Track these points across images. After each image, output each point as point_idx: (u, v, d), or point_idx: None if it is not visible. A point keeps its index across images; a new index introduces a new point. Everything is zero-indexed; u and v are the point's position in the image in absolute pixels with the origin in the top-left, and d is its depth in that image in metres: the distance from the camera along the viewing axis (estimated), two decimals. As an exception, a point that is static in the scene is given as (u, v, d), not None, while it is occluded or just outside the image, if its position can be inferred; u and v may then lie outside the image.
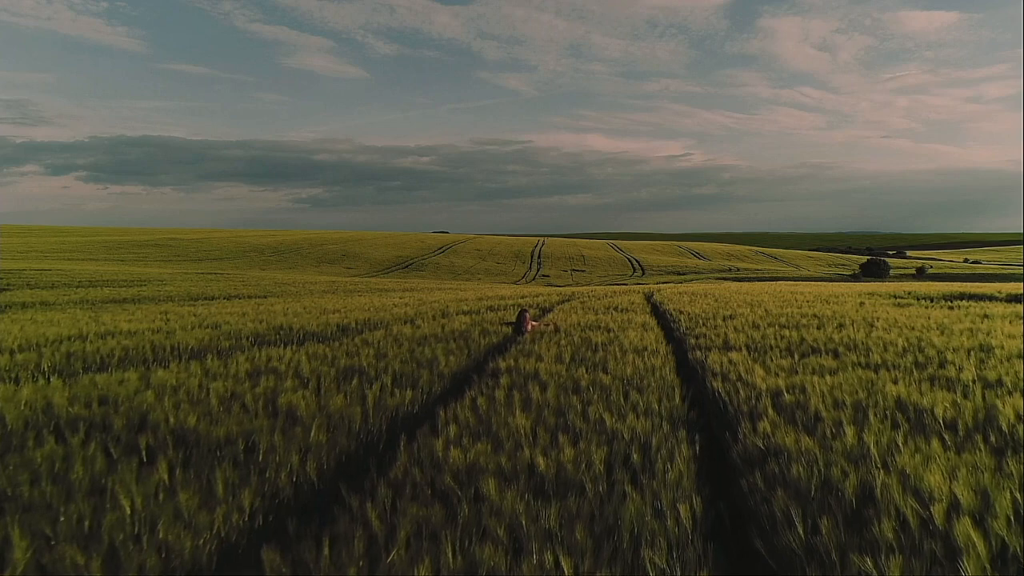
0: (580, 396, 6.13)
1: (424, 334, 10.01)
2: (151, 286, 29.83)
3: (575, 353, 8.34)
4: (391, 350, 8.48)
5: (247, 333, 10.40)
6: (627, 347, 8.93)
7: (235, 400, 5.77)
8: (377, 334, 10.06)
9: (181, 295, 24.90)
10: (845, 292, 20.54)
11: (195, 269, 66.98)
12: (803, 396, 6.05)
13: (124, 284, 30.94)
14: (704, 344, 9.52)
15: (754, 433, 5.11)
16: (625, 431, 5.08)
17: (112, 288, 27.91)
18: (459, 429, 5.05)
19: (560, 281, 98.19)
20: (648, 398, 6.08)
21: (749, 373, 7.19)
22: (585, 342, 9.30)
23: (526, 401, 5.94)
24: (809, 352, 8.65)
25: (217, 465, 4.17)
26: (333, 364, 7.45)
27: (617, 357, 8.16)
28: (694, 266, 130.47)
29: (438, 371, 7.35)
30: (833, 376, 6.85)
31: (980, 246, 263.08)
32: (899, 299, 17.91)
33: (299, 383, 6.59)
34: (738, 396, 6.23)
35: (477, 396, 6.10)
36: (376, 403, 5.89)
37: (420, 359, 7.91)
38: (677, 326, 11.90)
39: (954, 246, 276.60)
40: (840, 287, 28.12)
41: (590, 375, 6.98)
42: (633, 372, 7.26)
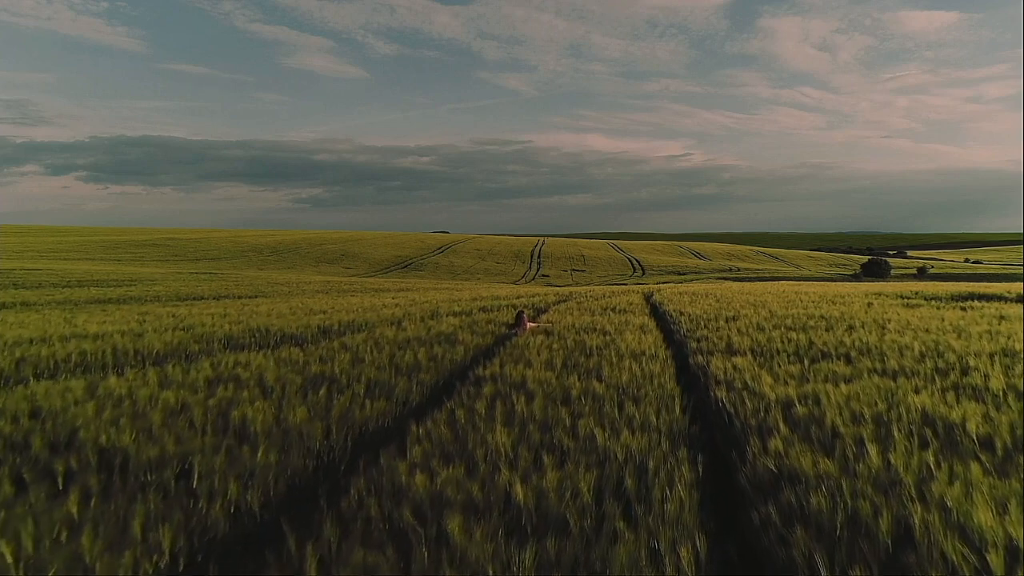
0: (570, 408, 5.53)
1: (408, 337, 9.41)
2: (140, 286, 29.21)
3: (567, 358, 7.74)
4: (369, 355, 7.88)
5: (220, 336, 9.80)
6: (624, 351, 8.33)
7: (184, 413, 5.16)
8: (358, 337, 9.47)
9: (169, 295, 24.29)
10: (851, 292, 19.93)
11: (191, 269, 66.39)
12: (817, 408, 5.45)
13: (114, 284, 30.35)
14: (706, 348, 8.92)
15: (764, 453, 4.51)
16: (618, 450, 4.48)
17: (100, 288, 27.30)
18: (430, 448, 4.45)
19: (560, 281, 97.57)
20: (645, 410, 5.49)
21: (756, 381, 6.59)
22: (579, 346, 8.70)
23: (509, 414, 5.34)
24: (819, 357, 8.04)
25: (140, 495, 3.57)
26: (303, 371, 6.85)
27: (612, 362, 7.56)
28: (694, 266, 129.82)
29: (418, 379, 6.75)
30: (848, 384, 6.25)
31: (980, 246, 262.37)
32: (907, 299, 17.30)
33: (260, 393, 5.99)
34: (745, 407, 5.63)
35: (456, 408, 5.50)
36: (342, 416, 5.29)
37: (400, 365, 7.31)
38: (677, 328, 11.30)
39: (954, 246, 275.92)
40: (845, 287, 27.50)
41: (582, 383, 6.39)
42: (629, 379, 6.66)
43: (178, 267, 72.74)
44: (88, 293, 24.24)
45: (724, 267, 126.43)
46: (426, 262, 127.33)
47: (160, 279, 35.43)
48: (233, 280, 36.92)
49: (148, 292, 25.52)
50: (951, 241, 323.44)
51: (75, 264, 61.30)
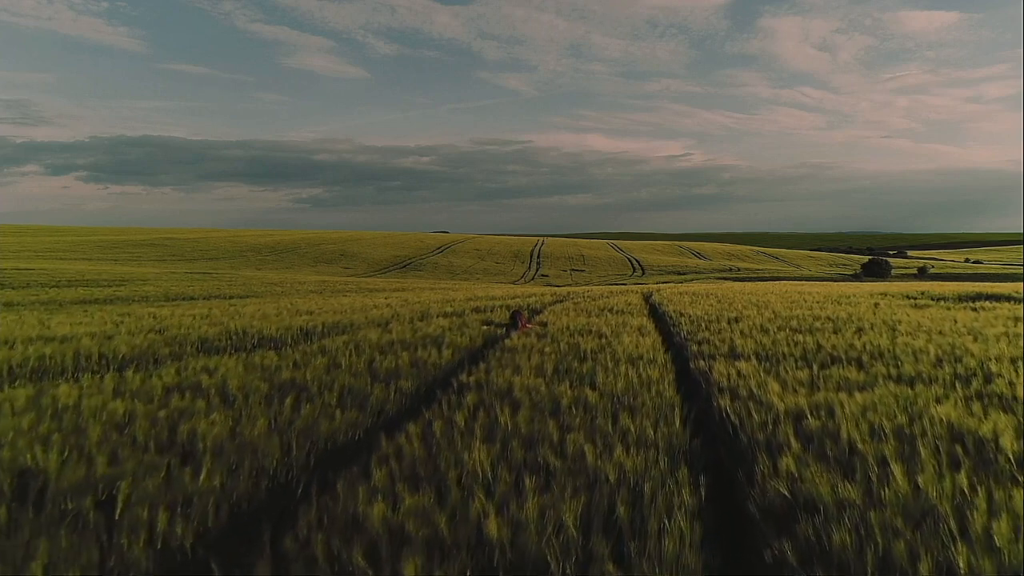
0: (559, 420, 5.01)
1: (392, 340, 8.89)
2: (130, 286, 28.68)
3: (559, 363, 7.22)
4: (347, 359, 7.36)
5: (194, 338, 9.29)
6: (620, 355, 7.82)
7: (128, 427, 4.64)
8: (339, 340, 8.96)
9: (157, 295, 23.77)
10: (855, 292, 19.40)
11: (188, 269, 65.87)
12: (831, 420, 4.94)
13: (104, 284, 29.80)
14: (708, 351, 8.40)
15: (775, 474, 4.00)
16: (610, 471, 3.97)
17: (88, 288, 26.77)
18: (398, 468, 3.94)
19: (559, 281, 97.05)
20: (642, 422, 4.98)
21: (762, 388, 6.08)
22: (573, 349, 8.19)
23: (491, 427, 4.82)
24: (829, 362, 7.53)
25: (46, 531, 3.05)
26: (272, 377, 6.33)
27: (608, 368, 7.04)
28: (694, 266, 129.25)
29: (396, 386, 6.23)
30: (863, 393, 5.74)
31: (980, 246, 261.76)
32: (914, 300, 16.79)
33: (221, 402, 5.48)
34: (751, 419, 5.11)
35: (433, 420, 4.98)
36: (306, 429, 4.78)
37: (378, 371, 6.80)
38: (677, 330, 10.79)
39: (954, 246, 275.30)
40: (848, 287, 26.98)
41: (574, 391, 5.87)
42: (625, 387, 6.15)
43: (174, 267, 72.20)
44: (75, 293, 23.72)
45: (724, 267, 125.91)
46: (425, 262, 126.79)
47: (153, 279, 34.89)
48: (227, 280, 36.38)
49: (137, 292, 25.00)
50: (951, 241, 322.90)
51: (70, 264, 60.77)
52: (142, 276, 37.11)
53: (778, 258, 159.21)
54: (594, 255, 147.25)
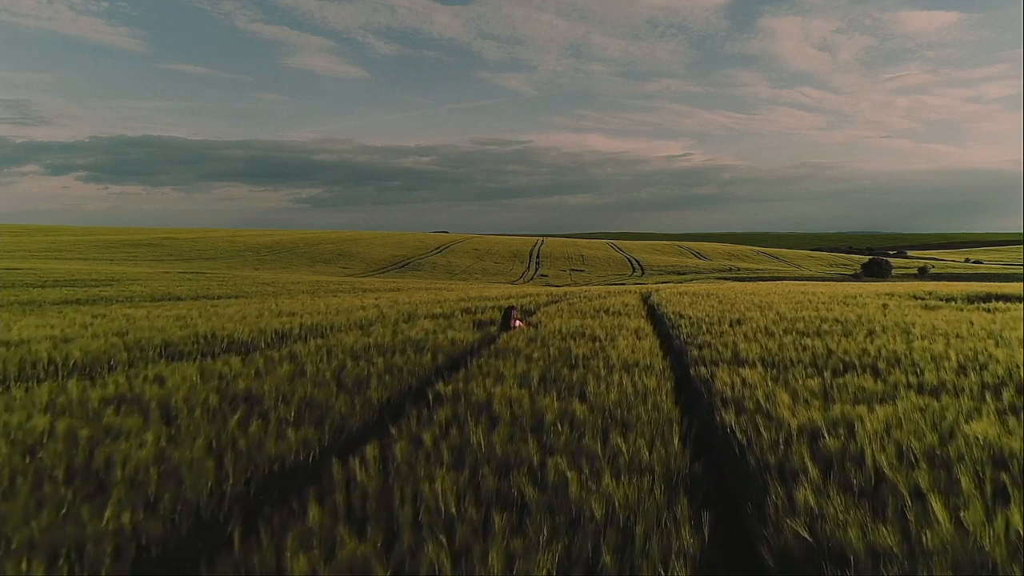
0: (541, 439, 4.39)
1: (370, 343, 8.27)
2: (117, 286, 28.04)
3: (547, 370, 6.60)
4: (316, 365, 6.74)
5: (158, 342, 8.67)
6: (614, 361, 7.20)
7: (40, 450, 4.02)
8: (313, 344, 8.35)
9: (143, 295, 23.12)
10: (861, 292, 18.76)
11: (185, 268, 65.24)
12: (852, 440, 4.32)
13: (92, 284, 29.17)
14: (709, 357, 7.78)
15: (791, 508, 3.38)
16: (597, 505, 3.35)
17: (74, 288, 26.12)
18: (344, 503, 3.32)
19: (559, 281, 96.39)
20: (636, 441, 4.35)
21: (771, 400, 5.46)
22: (563, 354, 7.56)
23: (462, 449, 4.20)
24: (842, 369, 6.91)
25: None
26: (226, 388, 5.71)
27: (600, 376, 6.43)
28: (694, 266, 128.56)
29: (364, 397, 5.61)
30: (884, 406, 5.12)
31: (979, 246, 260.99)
32: (923, 300, 16.18)
33: (161, 418, 4.86)
34: (760, 439, 4.49)
35: (397, 440, 4.37)
36: (250, 451, 4.16)
37: (346, 380, 6.17)
38: (677, 333, 10.16)
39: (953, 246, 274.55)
40: (852, 287, 26.35)
41: (561, 404, 5.25)
42: (619, 398, 5.53)
43: (171, 267, 71.56)
44: (59, 293, 23.07)
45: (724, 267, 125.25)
46: (424, 262, 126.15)
47: (144, 279, 34.26)
48: (218, 280, 35.71)
49: (123, 292, 24.35)
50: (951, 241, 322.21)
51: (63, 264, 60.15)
52: (133, 276, 36.48)
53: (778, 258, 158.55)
54: (593, 255, 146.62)
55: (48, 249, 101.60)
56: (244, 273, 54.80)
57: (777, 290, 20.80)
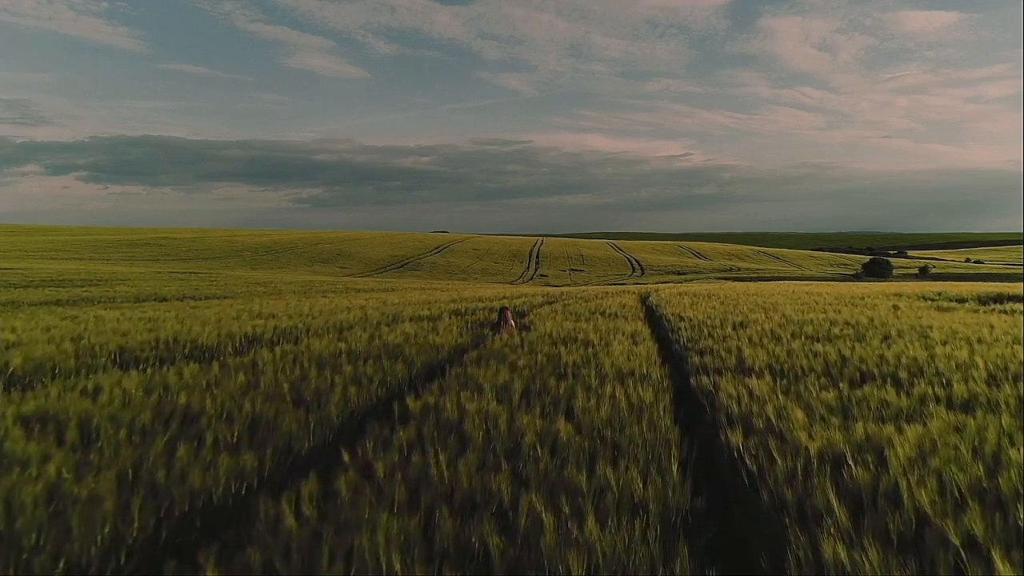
0: (515, 469, 3.73)
1: (342, 349, 7.59)
2: (104, 286, 27.35)
3: (531, 381, 5.93)
4: (276, 376, 6.08)
5: (113, 348, 8.00)
6: (607, 370, 6.54)
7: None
8: (282, 349, 7.67)
9: (127, 296, 22.43)
10: (868, 293, 18.05)
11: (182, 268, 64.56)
12: (883, 471, 3.65)
13: (78, 284, 28.46)
14: (712, 364, 7.11)
15: (817, 565, 2.72)
16: (575, 562, 2.69)
17: (58, 289, 25.41)
18: (259, 562, 2.66)
19: (558, 281, 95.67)
20: (627, 470, 3.70)
21: (783, 418, 4.80)
22: (552, 362, 6.90)
23: (417, 483, 3.54)
24: (859, 379, 6.24)
25: None
26: (164, 404, 5.03)
27: (591, 387, 5.77)
28: (694, 266, 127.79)
29: (322, 414, 4.95)
30: (913, 426, 4.45)
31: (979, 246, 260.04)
32: (933, 301, 15.51)
33: (79, 439, 4.19)
34: (774, 467, 3.82)
35: (347, 469, 3.70)
36: (166, 486, 3.49)
37: (306, 393, 5.49)
38: (676, 336, 9.49)
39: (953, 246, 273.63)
40: (858, 287, 25.67)
41: (543, 423, 4.59)
42: (610, 415, 4.87)
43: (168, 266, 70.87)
44: (41, 294, 22.38)
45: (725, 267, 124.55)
46: (423, 262, 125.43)
47: (134, 279, 33.57)
48: (209, 280, 34.98)
49: (107, 293, 23.66)
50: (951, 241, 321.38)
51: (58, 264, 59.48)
52: (123, 276, 35.79)
53: (779, 258, 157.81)
54: (593, 255, 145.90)
55: (44, 249, 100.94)
56: (238, 273, 54.09)
57: (780, 290, 20.11)
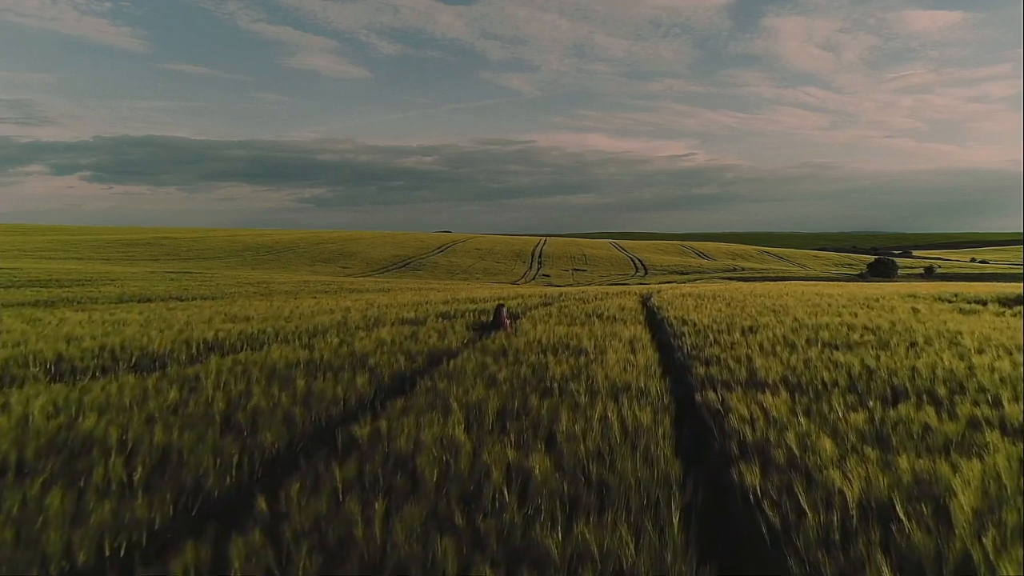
0: (471, 523, 2.89)
1: (300, 360, 6.75)
2: (91, 286, 26.50)
3: (510, 399, 5.09)
4: (213, 393, 5.23)
5: (49, 356, 7.18)
6: (600, 384, 5.69)
7: None
8: (235, 359, 6.83)
9: (111, 296, 21.56)
10: (882, 294, 17.11)
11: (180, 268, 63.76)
12: (948, 533, 2.81)
13: (66, 284, 27.62)
14: (719, 376, 6.26)
15: None
16: None
17: (42, 289, 24.58)
18: None
19: (560, 281, 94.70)
20: (615, 527, 2.85)
21: (808, 449, 3.95)
22: (537, 375, 6.06)
23: (342, 545, 2.70)
24: (891, 396, 5.40)
25: None
26: (64, 428, 4.20)
27: (580, 406, 4.93)
28: (698, 265, 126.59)
29: (255, 443, 4.11)
30: (970, 461, 3.60)
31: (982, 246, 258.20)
32: (950, 302, 14.61)
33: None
34: (804, 524, 2.97)
35: (247, 529, 2.87)
36: (12, 553, 2.66)
37: (241, 416, 4.65)
38: (679, 342, 8.63)
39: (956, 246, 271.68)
40: (869, 288, 24.75)
41: (516, 455, 3.75)
42: (598, 444, 4.03)
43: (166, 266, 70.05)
44: (21, 295, 21.56)
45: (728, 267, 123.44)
46: (425, 261, 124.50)
47: (125, 278, 32.74)
48: (201, 280, 34.08)
49: (91, 293, 22.82)
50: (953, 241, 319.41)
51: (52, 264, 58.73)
52: (114, 276, 34.96)
53: (782, 258, 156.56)
54: (596, 255, 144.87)
55: (44, 248, 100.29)
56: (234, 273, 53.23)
57: (789, 292, 19.21)
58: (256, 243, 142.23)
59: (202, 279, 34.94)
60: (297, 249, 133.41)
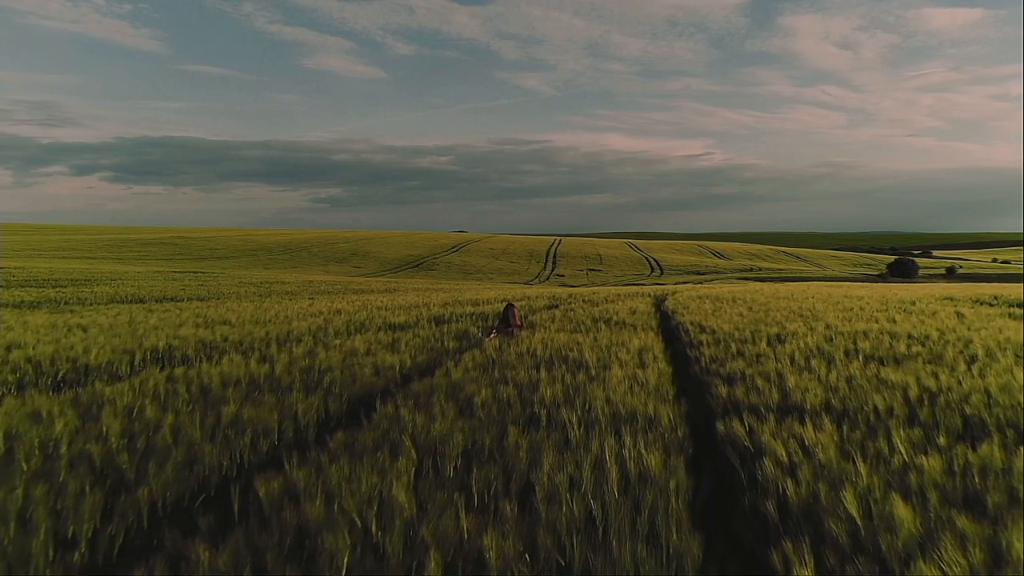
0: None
1: (241, 377, 5.69)
2: (85, 286, 25.70)
3: (481, 433, 4.02)
4: (109, 424, 4.19)
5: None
6: (599, 410, 4.62)
7: None
8: (166, 375, 5.78)
9: (103, 297, 20.69)
10: (916, 296, 15.78)
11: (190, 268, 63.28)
12: None
13: (63, 284, 26.86)
14: (746, 399, 5.16)
15: None
16: None
17: (31, 289, 23.83)
18: None
19: (575, 281, 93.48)
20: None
21: (876, 518, 2.87)
22: (524, 397, 4.99)
23: None
24: (962, 430, 4.28)
25: None
26: None
27: (571, 444, 3.86)
28: (714, 265, 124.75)
29: (126, 503, 3.07)
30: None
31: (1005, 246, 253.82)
32: (992, 306, 13.37)
33: None
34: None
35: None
36: None
37: (123, 462, 3.60)
38: (696, 353, 7.52)
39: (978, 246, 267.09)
40: (898, 289, 23.40)
41: (469, 525, 2.69)
42: (587, 505, 2.96)
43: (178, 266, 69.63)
44: (10, 295, 20.76)
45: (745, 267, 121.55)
46: (438, 261, 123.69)
47: (128, 278, 32.00)
48: (202, 280, 33.17)
49: (83, 294, 21.99)
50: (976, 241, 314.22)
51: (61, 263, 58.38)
52: (116, 275, 34.24)
53: (800, 258, 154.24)
54: (611, 254, 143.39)
55: (59, 248, 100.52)
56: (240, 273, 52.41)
57: (814, 293, 17.94)
58: (269, 243, 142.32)
59: (204, 279, 34.12)
60: (310, 249, 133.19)
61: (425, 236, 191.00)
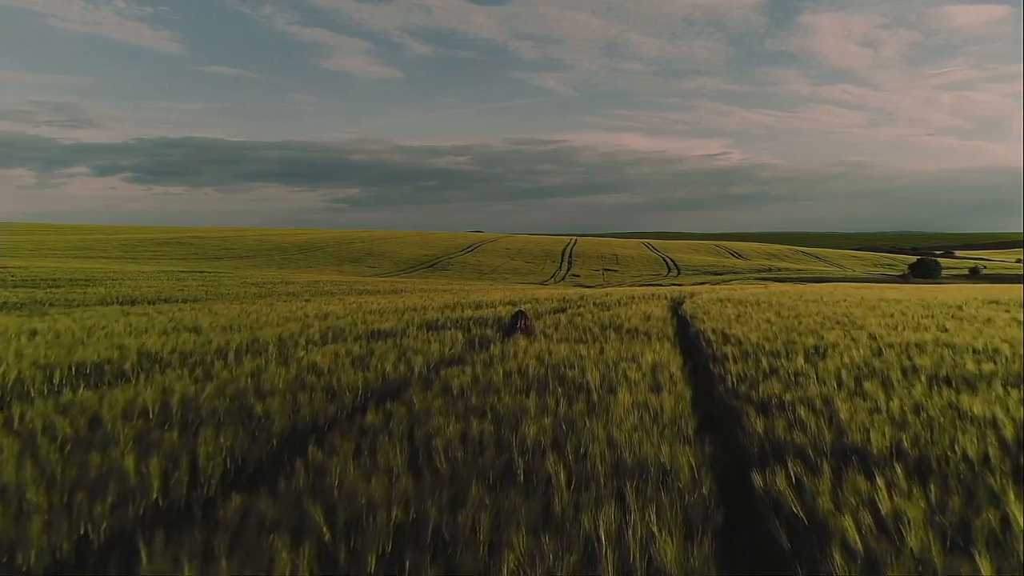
0: None
1: (172, 399, 4.63)
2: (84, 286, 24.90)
3: (430, 496, 2.90)
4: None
5: None
6: (598, 457, 3.50)
7: None
8: (81, 397, 4.73)
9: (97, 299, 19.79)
10: (960, 299, 14.39)
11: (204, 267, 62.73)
12: None
13: (63, 284, 26.06)
14: (787, 439, 4.01)
15: None
16: None
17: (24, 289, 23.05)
18: None
19: (591, 281, 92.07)
20: None
21: None
22: (499, 437, 3.87)
23: None
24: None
25: None
26: None
27: (553, 515, 2.75)
28: (732, 265, 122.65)
29: None
30: None
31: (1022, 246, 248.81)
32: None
33: None
34: None
35: None
36: None
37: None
38: (720, 370, 6.35)
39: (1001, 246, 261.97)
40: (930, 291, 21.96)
41: None
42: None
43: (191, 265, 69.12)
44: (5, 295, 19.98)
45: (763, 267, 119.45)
46: (453, 261, 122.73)
47: (131, 278, 31.23)
48: (205, 280, 32.31)
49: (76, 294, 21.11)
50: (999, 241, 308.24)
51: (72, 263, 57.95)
52: (121, 275, 33.47)
53: (819, 258, 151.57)
54: (628, 254, 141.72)
55: (75, 248, 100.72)
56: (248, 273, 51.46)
57: (842, 295, 16.60)
58: (285, 242, 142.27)
59: (208, 279, 33.28)
60: (325, 249, 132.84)
61: (441, 236, 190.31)
